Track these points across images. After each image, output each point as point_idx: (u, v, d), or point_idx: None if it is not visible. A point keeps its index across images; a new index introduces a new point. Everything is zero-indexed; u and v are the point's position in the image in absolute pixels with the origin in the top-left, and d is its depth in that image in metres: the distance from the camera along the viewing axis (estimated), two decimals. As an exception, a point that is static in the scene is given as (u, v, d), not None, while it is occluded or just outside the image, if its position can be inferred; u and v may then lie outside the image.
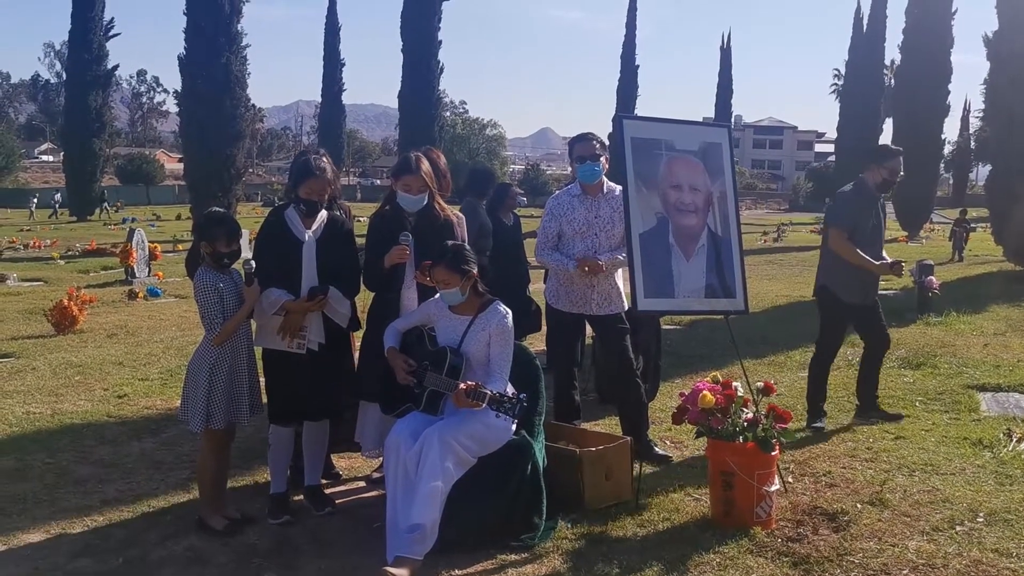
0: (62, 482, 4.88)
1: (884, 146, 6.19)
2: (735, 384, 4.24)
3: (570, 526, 4.21)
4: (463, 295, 4.04)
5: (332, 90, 55.55)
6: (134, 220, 33.97)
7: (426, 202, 4.45)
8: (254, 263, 4.16)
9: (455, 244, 4.17)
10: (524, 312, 6.55)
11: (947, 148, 48.88)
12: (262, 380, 4.40)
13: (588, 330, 5.46)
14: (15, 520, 4.33)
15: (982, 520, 4.23)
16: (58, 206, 43.71)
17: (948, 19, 27.56)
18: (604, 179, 5.14)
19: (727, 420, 4.16)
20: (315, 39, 60.44)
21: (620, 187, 5.02)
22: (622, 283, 5.28)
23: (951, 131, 69.41)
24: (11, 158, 63.39)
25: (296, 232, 4.27)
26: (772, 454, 4.14)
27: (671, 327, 9.68)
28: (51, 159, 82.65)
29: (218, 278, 4.12)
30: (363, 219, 6.71)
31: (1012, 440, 5.51)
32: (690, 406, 4.24)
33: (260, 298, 4.16)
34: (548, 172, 79.65)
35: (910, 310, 10.86)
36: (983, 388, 7.07)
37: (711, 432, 4.20)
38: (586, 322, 5.34)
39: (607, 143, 5.24)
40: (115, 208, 44.50)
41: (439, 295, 4.12)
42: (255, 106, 57.88)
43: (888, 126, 31.35)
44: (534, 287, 7.48)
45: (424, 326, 4.21)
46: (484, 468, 3.96)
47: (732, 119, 69.14)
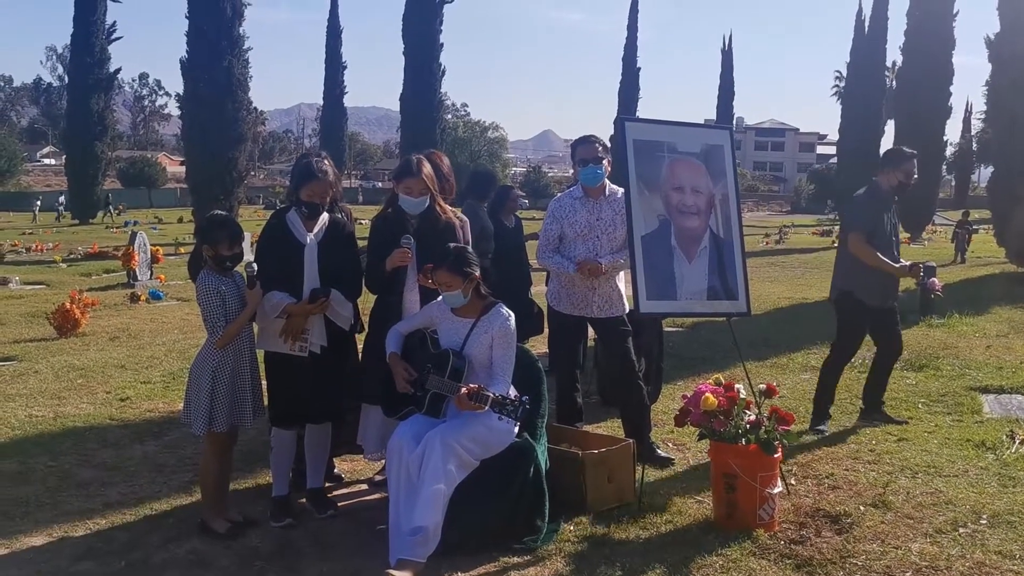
0: (64, 485, 4.89)
1: (899, 149, 6.15)
2: (737, 386, 4.24)
3: (572, 528, 4.20)
4: (465, 297, 4.04)
5: (334, 93, 55.65)
6: (136, 223, 34.01)
7: (428, 205, 4.46)
8: (256, 266, 4.16)
9: (457, 247, 4.16)
10: (526, 315, 6.55)
11: (949, 150, 48.80)
12: (264, 383, 4.40)
13: (590, 332, 5.45)
14: (18, 523, 4.33)
15: (985, 522, 4.22)
16: (63, 209, 43.75)
17: (949, 21, 27.55)
18: (607, 182, 5.14)
19: (729, 422, 4.16)
20: (317, 42, 60.58)
21: (622, 190, 5.01)
22: (624, 285, 5.27)
23: (953, 133, 69.30)
24: (13, 161, 63.45)
25: (297, 235, 4.28)
26: (775, 456, 4.13)
27: (673, 329, 9.69)
28: (53, 162, 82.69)
29: (220, 281, 4.12)
30: (364, 222, 6.68)
31: (1015, 442, 5.50)
32: (692, 408, 4.23)
33: (262, 301, 4.17)
34: (550, 175, 79.71)
35: (912, 312, 10.84)
36: (986, 390, 7.07)
37: (713, 434, 4.19)
38: (588, 324, 5.33)
39: (609, 145, 5.23)
40: (117, 211, 44.54)
41: (441, 297, 4.11)
42: (257, 109, 58.11)
43: (890, 128, 31.35)
44: (536, 290, 7.48)
45: (427, 329, 4.20)
46: (486, 471, 3.96)
47: (734, 121, 69.30)
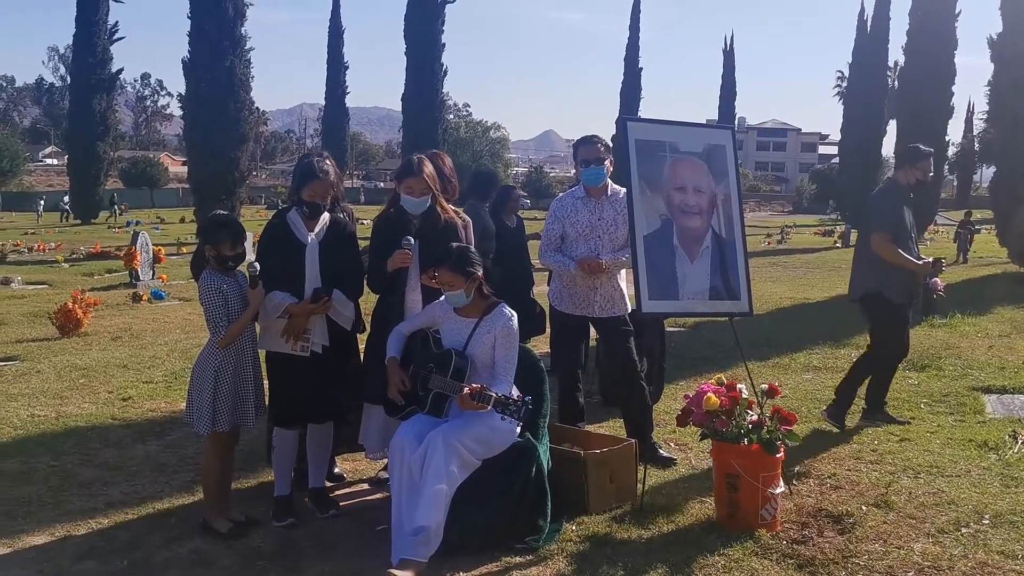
0: (67, 485, 4.89)
1: (916, 147, 6.14)
2: (739, 386, 4.23)
3: (574, 528, 4.20)
4: (468, 297, 4.04)
5: (336, 93, 55.70)
6: (138, 223, 34.02)
7: (429, 204, 4.46)
8: (258, 266, 4.16)
9: (460, 246, 4.16)
10: (528, 315, 6.55)
11: (951, 150, 48.85)
12: (266, 383, 4.41)
13: (592, 332, 5.45)
14: (20, 523, 4.34)
15: (987, 522, 4.22)
16: (68, 207, 43.79)
17: (952, 21, 27.49)
18: (608, 182, 5.14)
19: (731, 422, 4.16)
20: (319, 42, 60.68)
21: (624, 190, 5.00)
22: (625, 285, 5.27)
23: (955, 133, 69.21)
24: (16, 161, 63.46)
25: (299, 235, 4.28)
26: (777, 456, 4.13)
27: (675, 329, 9.68)
28: (55, 162, 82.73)
29: (223, 281, 4.13)
30: (366, 222, 6.71)
31: (1017, 442, 5.50)
32: (694, 408, 4.23)
33: (264, 301, 4.17)
34: (551, 174, 79.69)
35: (915, 312, 10.82)
36: (988, 390, 7.06)
37: (715, 434, 4.19)
38: (590, 324, 5.33)
39: (611, 145, 5.22)
40: (120, 211, 44.56)
41: (444, 297, 4.11)
42: (259, 109, 58.07)
43: (892, 128, 31.32)
44: (538, 289, 7.48)
45: (429, 328, 4.20)
46: (489, 471, 3.96)
47: (736, 121, 69.30)
